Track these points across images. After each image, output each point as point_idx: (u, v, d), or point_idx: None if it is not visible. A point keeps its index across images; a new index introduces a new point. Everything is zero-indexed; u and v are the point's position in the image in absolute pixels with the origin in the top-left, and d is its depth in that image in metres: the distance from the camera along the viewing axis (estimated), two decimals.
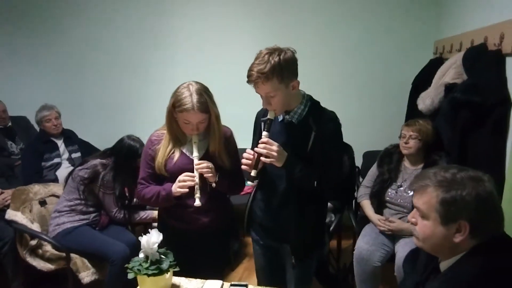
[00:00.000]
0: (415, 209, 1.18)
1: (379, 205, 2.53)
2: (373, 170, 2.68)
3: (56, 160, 3.30)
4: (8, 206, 2.68)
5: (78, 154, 3.47)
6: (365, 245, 2.42)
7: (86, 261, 2.50)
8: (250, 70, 1.58)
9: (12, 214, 2.49)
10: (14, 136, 3.76)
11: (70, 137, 3.48)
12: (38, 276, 2.59)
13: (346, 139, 3.01)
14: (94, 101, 4.21)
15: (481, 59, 2.08)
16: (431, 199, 1.11)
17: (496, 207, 1.10)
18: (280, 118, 1.74)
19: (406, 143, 2.45)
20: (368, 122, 3.69)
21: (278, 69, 1.54)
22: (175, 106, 1.74)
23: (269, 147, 1.61)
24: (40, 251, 2.52)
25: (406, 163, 2.54)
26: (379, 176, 2.59)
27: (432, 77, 2.64)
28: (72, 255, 2.47)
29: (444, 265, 1.16)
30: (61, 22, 4.11)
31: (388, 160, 2.58)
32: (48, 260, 2.50)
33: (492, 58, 2.01)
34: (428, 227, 1.13)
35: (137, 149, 2.61)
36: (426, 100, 2.48)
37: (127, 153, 2.61)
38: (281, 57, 1.55)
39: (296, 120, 1.71)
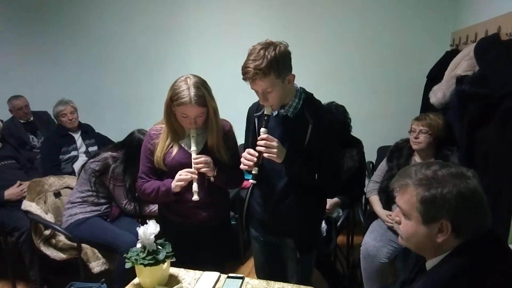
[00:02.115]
0: (398, 208, 1.15)
1: (388, 201, 2.48)
2: (383, 165, 2.63)
3: (73, 153, 3.40)
4: (25, 197, 2.79)
5: (95, 148, 3.56)
6: (372, 241, 2.38)
7: (96, 251, 2.56)
8: (245, 67, 1.55)
9: (27, 205, 2.58)
10: (36, 130, 3.92)
11: (87, 131, 3.58)
12: (54, 265, 2.68)
13: (360, 133, 3.00)
14: (111, 96, 4.33)
15: (493, 49, 1.99)
16: (412, 198, 1.07)
17: (480, 205, 1.04)
18: (275, 112, 1.72)
19: (416, 138, 2.39)
20: (383, 116, 3.62)
21: (275, 64, 1.51)
22: (173, 100, 1.74)
23: (270, 143, 1.60)
24: (53, 240, 2.61)
25: (416, 158, 2.47)
26: (388, 171, 2.53)
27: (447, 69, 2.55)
28: (83, 245, 2.54)
29: (429, 264, 1.12)
30: (80, 21, 4.24)
31: (397, 155, 2.52)
32: (61, 249, 2.57)
33: (504, 48, 1.92)
34: (410, 227, 1.10)
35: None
36: (438, 93, 2.41)
37: (136, 146, 2.64)
38: (277, 51, 1.52)
39: (292, 113, 1.69)
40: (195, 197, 1.76)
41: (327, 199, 2.45)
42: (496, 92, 1.76)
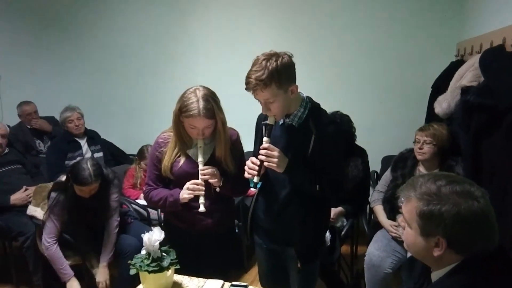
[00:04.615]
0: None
1: (392, 211, 2.47)
2: (387, 175, 2.63)
3: (79, 159, 3.40)
4: (31, 202, 2.80)
5: (100, 154, 3.59)
6: (376, 251, 2.38)
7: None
8: (248, 77, 1.57)
9: (32, 210, 2.61)
10: (43, 136, 3.94)
11: (93, 137, 3.60)
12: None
13: (364, 143, 3.01)
14: (117, 102, 4.37)
15: (498, 60, 1.99)
16: (412, 210, 1.08)
17: (481, 227, 1.02)
18: (281, 121, 1.73)
19: (420, 148, 2.39)
20: (388, 126, 3.62)
21: (276, 75, 1.53)
22: (182, 111, 1.75)
23: (270, 153, 1.61)
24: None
25: (421, 168, 2.47)
26: (393, 181, 2.53)
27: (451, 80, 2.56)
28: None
29: (434, 276, 1.12)
30: (90, 30, 4.31)
31: (402, 165, 2.52)
32: (65, 255, 2.57)
33: (509, 59, 1.93)
34: (411, 235, 1.11)
35: (80, 174, 2.30)
36: (443, 104, 2.40)
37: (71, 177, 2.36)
38: (279, 62, 1.53)
39: (297, 123, 1.70)
40: (202, 209, 1.78)
41: (331, 208, 2.45)
42: (502, 102, 1.76)
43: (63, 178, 2.47)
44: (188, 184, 1.80)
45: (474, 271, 1.02)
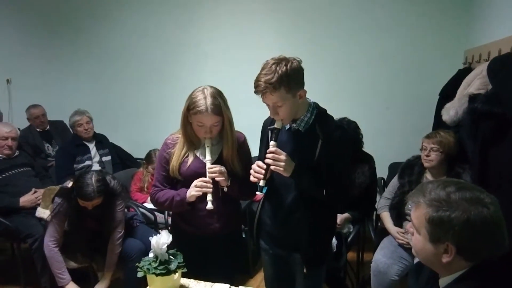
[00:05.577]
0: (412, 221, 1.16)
1: (399, 217, 2.47)
2: (394, 182, 2.62)
3: (87, 162, 3.45)
4: (39, 205, 2.83)
5: (108, 158, 3.63)
6: (383, 258, 2.37)
7: None
8: (257, 80, 1.58)
9: (41, 212, 2.63)
10: (51, 139, 4.00)
11: (101, 141, 3.64)
12: None
13: (372, 149, 3.01)
14: (126, 107, 4.40)
15: (506, 68, 1.99)
16: (421, 215, 1.08)
17: (491, 233, 1.02)
18: (287, 126, 1.74)
19: (427, 155, 2.39)
20: (395, 132, 3.62)
21: (286, 79, 1.54)
22: (190, 109, 1.78)
23: (277, 157, 1.62)
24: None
25: (428, 175, 2.46)
26: (400, 188, 2.53)
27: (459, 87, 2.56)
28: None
29: (442, 283, 1.12)
30: (99, 34, 4.37)
31: (409, 172, 2.52)
32: (72, 258, 2.60)
33: None
34: (419, 241, 1.11)
35: (83, 189, 2.30)
36: (450, 111, 2.40)
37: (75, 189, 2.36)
38: (288, 66, 1.55)
39: (303, 128, 1.71)
40: (209, 206, 1.78)
41: (338, 214, 2.45)
42: (510, 110, 1.76)
43: (70, 183, 2.49)
44: (196, 182, 1.81)
45: (482, 278, 1.02)
